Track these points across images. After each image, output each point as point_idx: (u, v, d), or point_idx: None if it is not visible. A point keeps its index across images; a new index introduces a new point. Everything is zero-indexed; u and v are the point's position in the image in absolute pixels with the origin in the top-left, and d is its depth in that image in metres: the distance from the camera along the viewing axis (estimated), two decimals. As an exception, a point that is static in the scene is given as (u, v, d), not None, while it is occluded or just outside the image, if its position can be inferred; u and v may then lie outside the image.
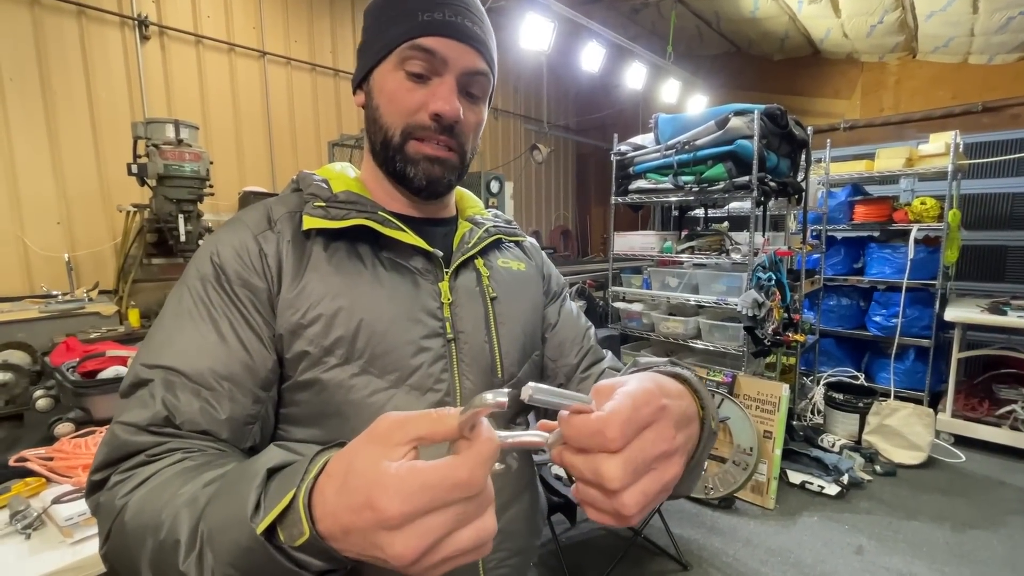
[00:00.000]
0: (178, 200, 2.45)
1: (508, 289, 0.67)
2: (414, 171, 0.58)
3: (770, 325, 2.68)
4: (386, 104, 0.57)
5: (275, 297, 0.54)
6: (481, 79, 0.59)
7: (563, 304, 0.77)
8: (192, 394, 0.48)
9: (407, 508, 0.28)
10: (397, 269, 0.59)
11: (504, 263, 0.69)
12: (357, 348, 0.54)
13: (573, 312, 0.78)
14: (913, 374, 3.61)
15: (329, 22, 4.15)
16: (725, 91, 5.34)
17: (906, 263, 3.49)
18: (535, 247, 0.80)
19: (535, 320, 0.70)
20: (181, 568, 0.36)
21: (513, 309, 0.66)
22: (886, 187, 4.31)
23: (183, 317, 0.52)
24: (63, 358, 1.70)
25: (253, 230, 0.56)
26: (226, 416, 0.49)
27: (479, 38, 0.57)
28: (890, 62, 4.64)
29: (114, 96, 3.11)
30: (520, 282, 0.70)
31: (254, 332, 0.53)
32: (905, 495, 2.68)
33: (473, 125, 0.60)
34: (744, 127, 2.64)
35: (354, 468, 0.31)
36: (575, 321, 0.76)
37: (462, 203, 0.73)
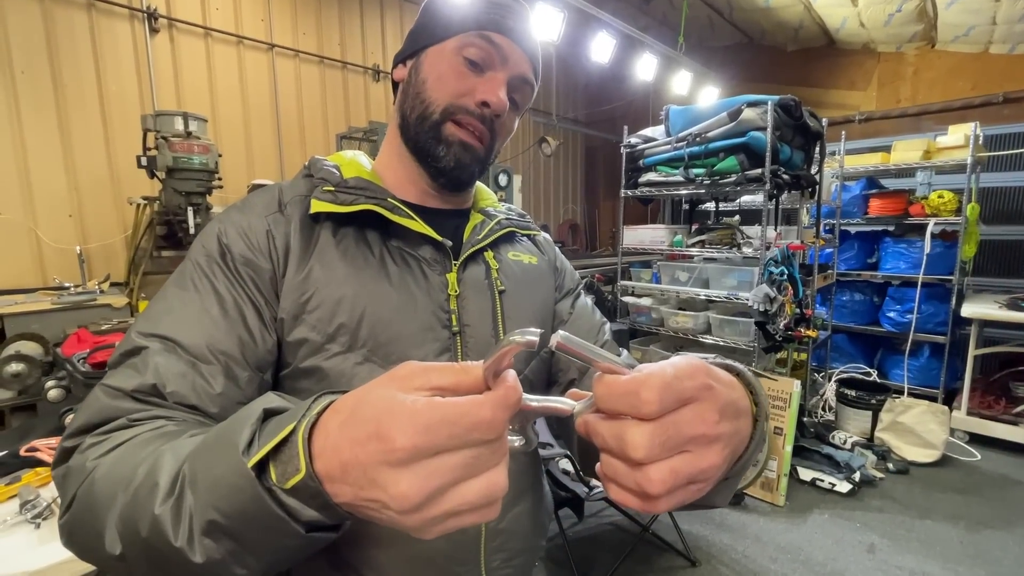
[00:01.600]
0: (187, 192, 2.46)
1: (517, 283, 0.65)
2: (446, 151, 0.58)
3: (782, 320, 2.64)
4: (435, 80, 0.58)
5: (280, 280, 0.53)
6: (527, 89, 0.61)
7: (577, 299, 0.75)
8: (187, 365, 0.47)
9: (420, 440, 0.26)
10: (404, 258, 0.58)
11: (515, 256, 0.68)
12: (360, 337, 0.53)
13: (588, 307, 0.75)
14: (928, 371, 3.55)
15: (337, 14, 4.13)
16: (737, 83, 5.26)
17: (922, 258, 3.42)
18: (548, 241, 0.78)
19: (544, 315, 0.68)
20: (155, 512, 0.32)
21: (522, 303, 0.64)
22: (902, 180, 4.22)
23: (186, 290, 0.51)
24: (74, 349, 1.71)
25: (262, 212, 0.56)
26: (218, 392, 0.47)
27: (535, 52, 0.61)
28: (908, 52, 4.54)
29: (124, 89, 3.12)
30: (530, 276, 0.68)
31: (256, 311, 0.52)
32: (918, 493, 2.64)
33: (507, 128, 0.62)
34: (757, 119, 2.59)
35: (365, 400, 0.28)
36: (590, 316, 0.73)
37: (476, 196, 0.72)
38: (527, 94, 0.62)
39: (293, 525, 0.30)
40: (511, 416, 0.28)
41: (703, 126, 2.79)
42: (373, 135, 3.58)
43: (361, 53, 4.31)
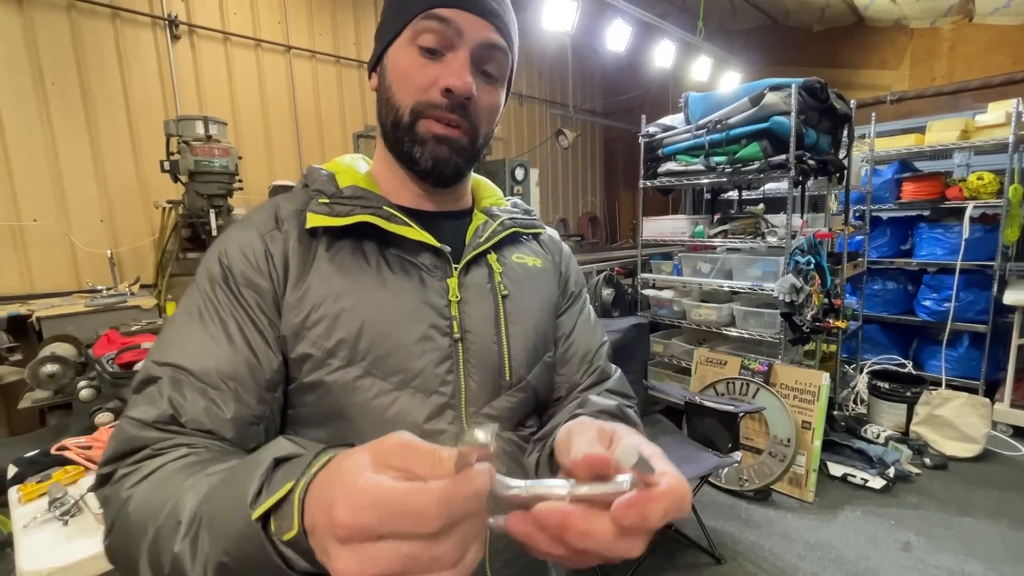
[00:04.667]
0: (209, 195, 2.51)
1: (521, 286, 0.62)
2: (421, 151, 0.55)
3: (809, 311, 2.55)
4: (398, 82, 0.55)
5: (280, 298, 0.53)
6: (498, 55, 0.55)
7: (581, 311, 0.70)
8: (198, 393, 0.48)
9: (352, 520, 0.25)
10: (403, 266, 0.57)
11: (519, 258, 0.65)
12: (360, 350, 0.53)
13: (590, 322, 0.70)
14: (967, 362, 3.39)
15: (352, 13, 4.16)
16: (760, 67, 5.09)
17: (960, 243, 3.26)
18: (553, 240, 0.73)
19: (548, 320, 0.65)
20: (175, 550, 0.36)
21: (525, 307, 0.62)
22: (937, 163, 4.03)
23: (193, 316, 0.52)
24: (104, 350, 1.77)
25: (260, 230, 0.55)
26: (231, 416, 0.49)
27: (496, 12, 0.54)
28: (943, 27, 4.32)
29: (148, 95, 3.20)
30: (534, 279, 0.65)
31: (260, 334, 0.52)
32: (958, 489, 2.53)
33: (488, 107, 0.57)
34: (780, 103, 2.50)
35: (341, 466, 0.29)
36: (590, 334, 0.69)
37: (478, 193, 0.69)
38: (501, 60, 0.56)
39: (291, 573, 0.32)
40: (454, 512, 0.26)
41: (724, 112, 2.71)
42: (389, 133, 3.60)
43: (376, 51, 4.33)
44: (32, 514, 0.96)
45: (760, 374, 2.65)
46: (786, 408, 2.48)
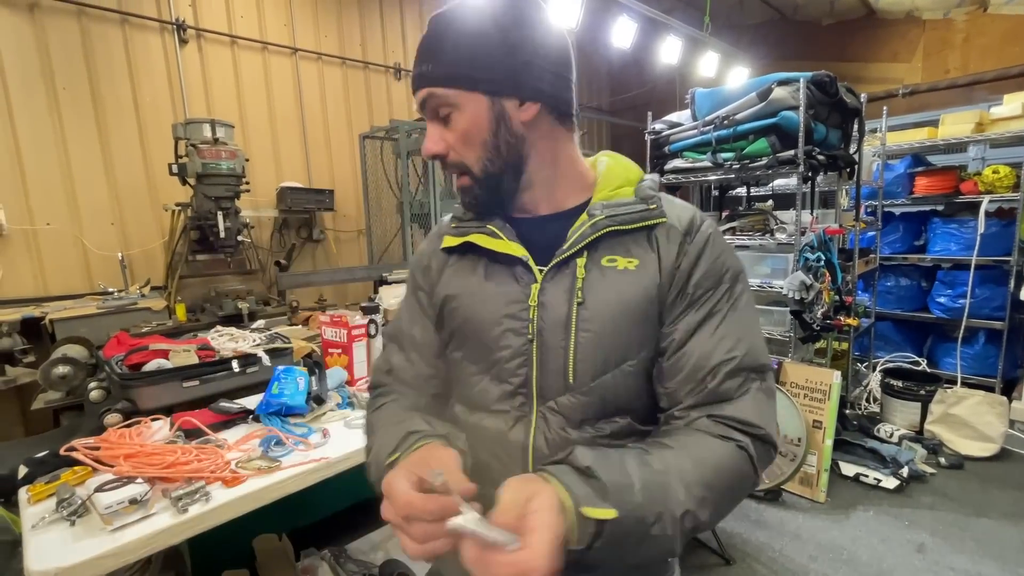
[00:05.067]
0: (216, 197, 2.53)
1: (602, 292, 0.62)
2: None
3: (819, 309, 2.52)
4: None
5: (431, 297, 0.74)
6: (436, 101, 0.62)
7: (706, 319, 0.61)
8: (402, 355, 0.77)
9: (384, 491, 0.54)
10: (500, 272, 0.67)
11: (610, 261, 0.63)
12: (462, 340, 0.70)
13: (716, 332, 0.61)
14: (984, 359, 3.33)
15: (358, 15, 4.17)
16: (768, 62, 5.03)
17: (975, 238, 3.20)
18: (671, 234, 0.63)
19: (631, 327, 0.62)
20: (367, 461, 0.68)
21: (602, 314, 0.61)
22: (951, 156, 3.95)
23: (405, 304, 0.79)
24: (113, 351, 1.79)
25: (428, 246, 0.77)
26: (414, 373, 0.75)
27: (427, 74, 0.62)
28: (957, 18, 4.24)
29: (157, 99, 3.24)
30: (622, 283, 0.62)
31: (428, 320, 0.75)
32: (974, 490, 2.48)
33: (457, 143, 0.64)
34: (789, 97, 2.46)
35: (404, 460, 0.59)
36: (711, 347, 0.60)
37: (600, 183, 0.68)
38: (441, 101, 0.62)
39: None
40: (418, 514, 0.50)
41: (731, 108, 2.68)
42: (395, 133, 3.61)
43: (382, 52, 4.34)
44: (40, 514, 0.97)
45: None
46: (796, 407, 2.45)
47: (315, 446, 1.24)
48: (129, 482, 1.01)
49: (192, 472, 1.08)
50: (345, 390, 1.56)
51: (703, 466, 0.54)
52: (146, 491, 0.98)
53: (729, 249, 0.65)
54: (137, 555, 0.93)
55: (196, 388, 1.56)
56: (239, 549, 1.80)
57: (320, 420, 1.40)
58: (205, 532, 1.01)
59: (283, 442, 1.24)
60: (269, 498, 1.09)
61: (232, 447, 1.24)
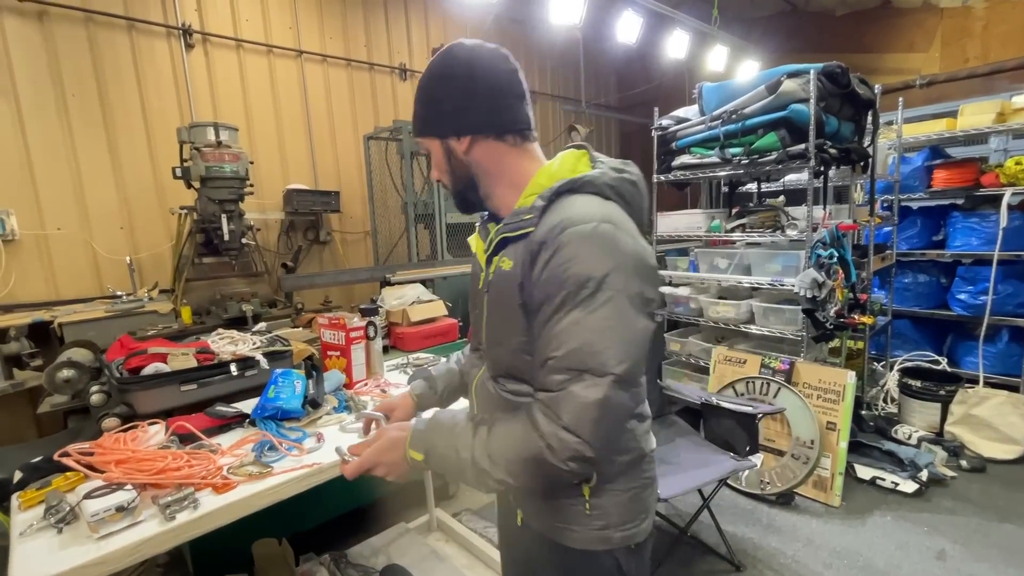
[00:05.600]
0: (220, 200, 2.54)
1: (494, 284, 0.81)
2: None
3: (832, 307, 2.44)
4: None
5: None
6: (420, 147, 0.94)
7: (548, 320, 0.70)
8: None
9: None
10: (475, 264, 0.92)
11: (501, 260, 0.79)
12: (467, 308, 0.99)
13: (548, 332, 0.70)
14: (1007, 358, 3.21)
15: (362, 16, 4.17)
16: (780, 55, 4.92)
17: (997, 232, 3.08)
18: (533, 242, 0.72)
19: (509, 315, 0.79)
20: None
21: (493, 301, 0.83)
22: (971, 148, 3.82)
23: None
24: (116, 355, 1.79)
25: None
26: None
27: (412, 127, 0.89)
28: (976, 6, 4.10)
29: (164, 104, 3.26)
30: (503, 279, 0.79)
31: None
32: (996, 493, 2.39)
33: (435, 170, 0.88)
34: (799, 90, 2.40)
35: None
36: (544, 344, 0.71)
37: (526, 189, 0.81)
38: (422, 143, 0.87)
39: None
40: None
41: (739, 102, 2.61)
42: (399, 134, 3.59)
43: (387, 53, 4.34)
44: (29, 521, 0.96)
45: (782, 373, 2.55)
46: (809, 408, 2.38)
47: (308, 451, 1.23)
48: (118, 488, 1.00)
49: (182, 478, 1.07)
50: (343, 393, 1.54)
51: (508, 443, 0.73)
52: (133, 498, 0.97)
53: (583, 257, 0.67)
54: (123, 564, 0.91)
55: (194, 392, 1.55)
56: (240, 553, 1.80)
57: (316, 424, 1.38)
58: (206, 536, 0.99)
59: (276, 447, 1.22)
60: (259, 505, 1.07)
61: (225, 452, 1.22)
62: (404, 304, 2.24)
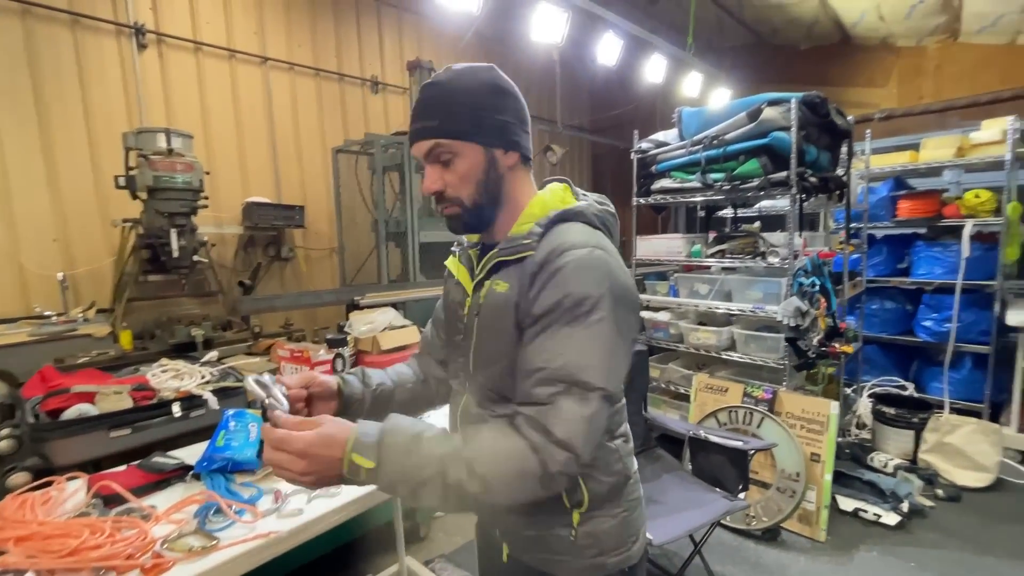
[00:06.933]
0: (170, 213, 2.30)
1: (487, 306, 0.80)
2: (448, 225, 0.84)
3: (815, 335, 2.42)
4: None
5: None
6: (439, 149, 0.77)
7: (538, 334, 0.72)
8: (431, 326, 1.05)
9: None
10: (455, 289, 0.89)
11: (495, 283, 0.79)
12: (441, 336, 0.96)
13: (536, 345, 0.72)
14: (971, 384, 3.29)
15: (333, 26, 4.01)
16: (749, 84, 5.06)
17: (958, 262, 3.18)
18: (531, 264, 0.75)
19: (503, 335, 0.77)
20: None
21: (485, 324, 0.80)
22: (928, 180, 3.98)
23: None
24: (35, 391, 1.54)
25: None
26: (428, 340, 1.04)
27: (422, 128, 0.77)
28: (929, 46, 4.33)
29: (111, 107, 3.00)
30: (498, 301, 0.78)
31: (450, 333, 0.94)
32: (975, 524, 2.39)
33: (455, 182, 0.78)
34: (780, 118, 2.39)
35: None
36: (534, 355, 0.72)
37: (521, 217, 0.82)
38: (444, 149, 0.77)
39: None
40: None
41: (720, 128, 2.60)
42: (370, 147, 3.43)
43: (359, 65, 4.19)
44: None
45: (764, 402, 2.50)
46: (794, 440, 2.33)
47: (263, 515, 1.04)
48: (15, 578, 0.80)
49: (102, 559, 0.87)
50: (305, 438, 1.35)
51: (491, 453, 0.67)
52: (32, 594, 0.77)
53: (581, 278, 0.71)
54: None
55: (127, 437, 1.34)
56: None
57: (272, 478, 1.19)
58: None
59: (224, 511, 1.03)
60: (199, 590, 0.88)
61: (161, 517, 1.02)
62: (375, 330, 2.07)
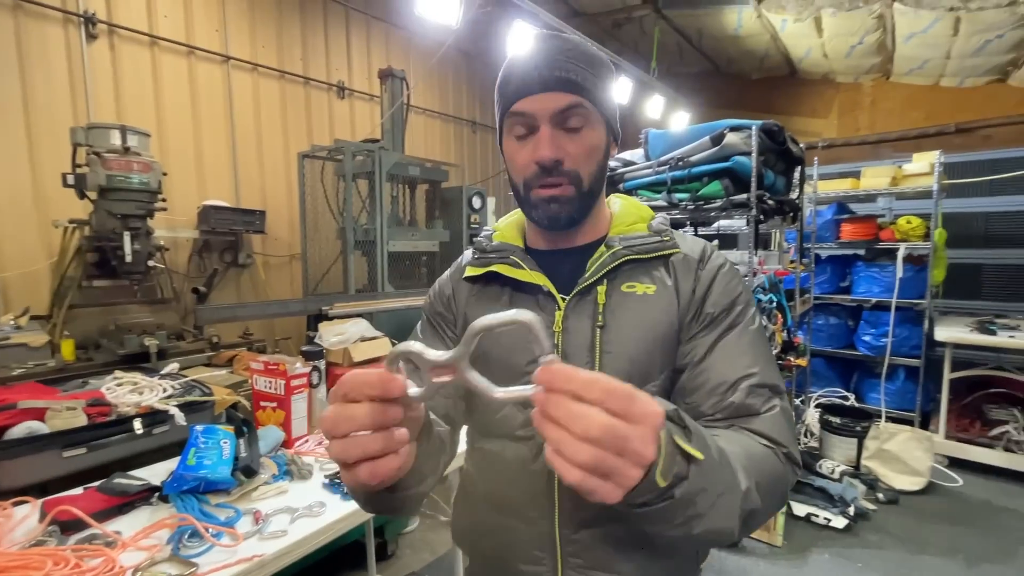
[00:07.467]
0: (124, 215, 2.16)
1: (623, 315, 0.67)
2: (537, 214, 0.68)
3: (772, 349, 2.56)
4: (510, 167, 0.70)
5: (457, 324, 0.77)
6: (575, 111, 0.63)
7: (723, 336, 0.65)
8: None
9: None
10: (523, 301, 0.70)
11: (629, 287, 0.68)
12: (486, 365, 0.67)
13: (735, 349, 0.64)
14: (904, 394, 3.57)
15: (300, 29, 3.92)
16: (706, 108, 5.34)
17: (894, 281, 3.46)
18: (687, 261, 0.69)
19: (653, 348, 0.66)
20: None
21: (623, 336, 0.66)
22: (865, 206, 4.32)
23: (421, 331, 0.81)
24: (-32, 407, 1.40)
25: (451, 274, 0.81)
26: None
27: (564, 79, 0.63)
28: (865, 83, 4.72)
29: (54, 99, 2.79)
30: (641, 307, 0.67)
31: (444, 345, 0.74)
32: (912, 525, 2.58)
33: (580, 154, 0.65)
34: (741, 143, 2.54)
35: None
36: (730, 362, 0.63)
37: (616, 220, 0.74)
38: (581, 113, 0.64)
39: None
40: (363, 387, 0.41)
41: (685, 150, 2.72)
42: (339, 154, 3.36)
43: (325, 70, 4.10)
44: None
45: (725, 413, 2.60)
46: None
47: (244, 537, 0.99)
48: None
49: (67, 592, 0.80)
50: (282, 455, 1.29)
51: (752, 456, 0.55)
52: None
53: (739, 277, 0.70)
54: None
55: (83, 457, 1.24)
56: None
57: (250, 498, 1.13)
58: None
59: (200, 534, 0.97)
60: (179, 622, 0.83)
61: (129, 544, 0.95)
62: (347, 342, 2.01)
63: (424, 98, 4.86)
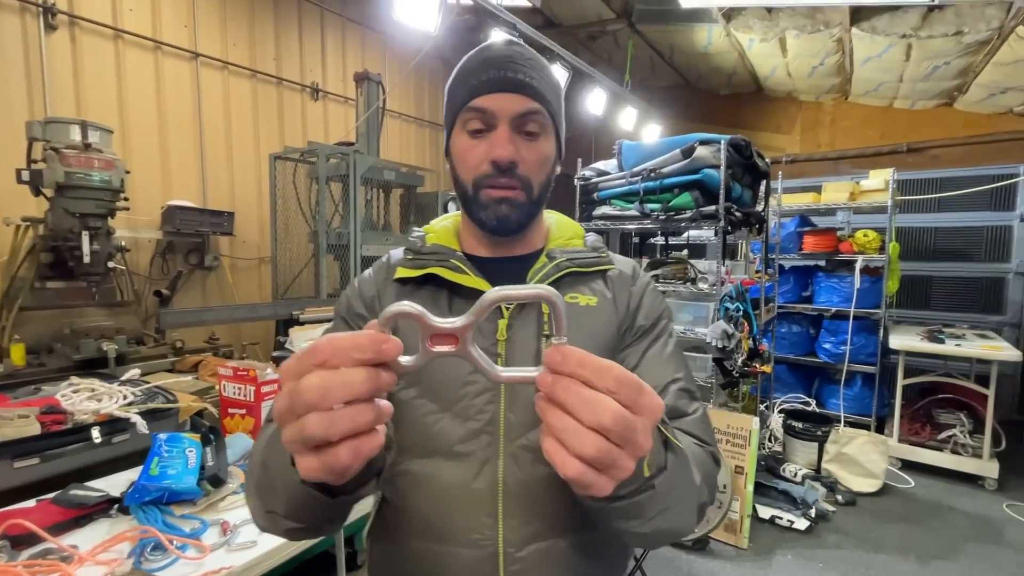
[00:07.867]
0: (83, 214, 2.07)
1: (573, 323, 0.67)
2: (486, 215, 0.66)
3: (739, 356, 2.64)
4: (459, 163, 0.67)
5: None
6: (535, 117, 0.64)
7: (651, 345, 0.69)
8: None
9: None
10: (463, 307, 0.65)
11: (572, 298, 0.69)
12: (419, 377, 0.64)
13: (662, 357, 0.69)
14: (861, 400, 3.73)
15: (273, 28, 3.85)
16: (676, 121, 5.49)
17: (852, 292, 3.62)
18: (622, 277, 0.73)
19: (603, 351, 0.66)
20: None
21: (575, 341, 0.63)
22: (826, 219, 4.52)
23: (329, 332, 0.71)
24: (-94, 416, 1.31)
25: (374, 275, 0.74)
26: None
27: (527, 83, 0.63)
28: (825, 102, 4.95)
29: (8, 91, 2.66)
30: (585, 318, 0.68)
31: None
32: (868, 526, 2.69)
33: (535, 161, 0.65)
34: (710, 156, 2.63)
35: None
36: (659, 369, 0.67)
37: (551, 234, 0.75)
38: (539, 120, 0.64)
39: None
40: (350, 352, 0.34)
41: (657, 162, 2.80)
42: (312, 156, 3.31)
43: (299, 70, 4.04)
44: None
45: (694, 418, 2.67)
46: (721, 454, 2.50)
47: (211, 549, 0.96)
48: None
49: (19, 611, 0.76)
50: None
51: (695, 453, 0.58)
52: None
53: (661, 295, 0.76)
54: None
55: (36, 468, 1.18)
56: None
57: (218, 508, 1.10)
58: None
59: (164, 546, 0.94)
60: (142, 638, 0.79)
61: (86, 558, 0.91)
62: (318, 347, 1.98)
63: (400, 103, 4.84)
